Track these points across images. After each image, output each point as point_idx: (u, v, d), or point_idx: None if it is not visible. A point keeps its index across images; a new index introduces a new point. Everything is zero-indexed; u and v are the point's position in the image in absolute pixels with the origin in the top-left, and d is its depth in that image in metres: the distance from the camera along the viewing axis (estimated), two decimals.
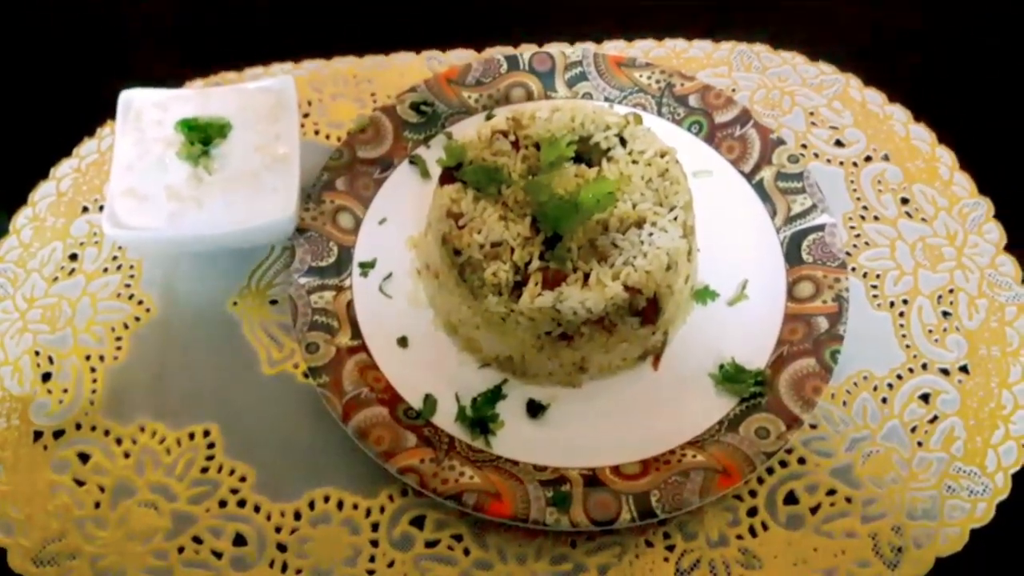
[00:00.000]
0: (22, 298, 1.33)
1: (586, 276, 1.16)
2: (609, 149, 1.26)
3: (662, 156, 1.25)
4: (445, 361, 1.25)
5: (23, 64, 1.62)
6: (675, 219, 1.20)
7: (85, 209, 1.41)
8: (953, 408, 1.23)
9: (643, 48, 1.58)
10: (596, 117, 1.27)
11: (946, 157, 1.45)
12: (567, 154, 1.22)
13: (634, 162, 1.24)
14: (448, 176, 1.25)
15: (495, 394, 1.21)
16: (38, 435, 1.21)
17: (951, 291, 1.32)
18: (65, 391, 1.25)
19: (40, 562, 1.12)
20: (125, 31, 1.67)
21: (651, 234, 1.18)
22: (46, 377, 1.26)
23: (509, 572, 1.11)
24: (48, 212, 1.41)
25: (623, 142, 1.26)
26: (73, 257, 1.37)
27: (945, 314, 1.31)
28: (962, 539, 1.13)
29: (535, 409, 1.20)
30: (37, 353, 1.28)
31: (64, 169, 1.45)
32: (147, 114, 1.32)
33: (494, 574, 1.11)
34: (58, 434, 1.21)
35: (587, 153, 1.26)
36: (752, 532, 1.14)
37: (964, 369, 1.26)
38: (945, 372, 1.26)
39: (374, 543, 1.14)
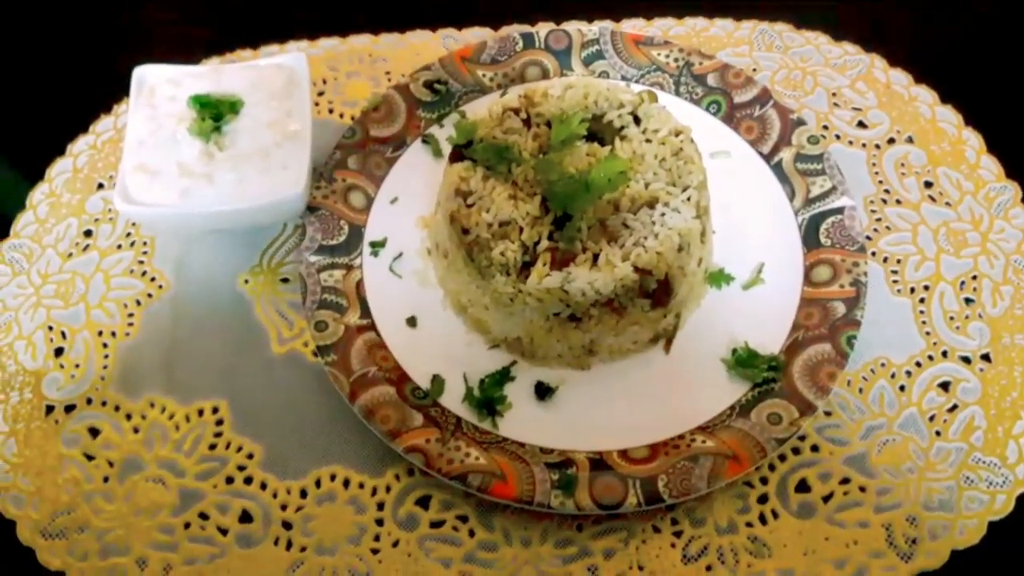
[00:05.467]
0: (37, 273, 1.34)
1: (595, 257, 1.14)
2: (622, 127, 1.24)
3: (676, 135, 1.22)
4: (454, 341, 1.24)
5: (42, 40, 1.63)
6: (688, 199, 1.17)
7: (100, 186, 1.42)
8: (974, 397, 1.19)
9: (662, 27, 1.56)
10: (610, 95, 1.25)
11: (973, 140, 1.41)
12: (579, 132, 1.20)
13: (647, 141, 1.22)
14: (458, 154, 1.24)
15: (503, 375, 1.20)
16: (50, 409, 1.22)
17: (975, 277, 1.29)
18: (77, 366, 1.25)
19: (48, 535, 1.13)
20: (143, 8, 1.67)
21: (663, 214, 1.16)
22: (59, 352, 1.27)
23: (514, 554, 1.10)
24: (64, 188, 1.41)
25: (637, 120, 1.24)
26: (88, 233, 1.37)
27: (968, 301, 1.27)
28: (979, 531, 1.10)
29: (543, 391, 1.19)
30: (50, 328, 1.29)
31: (80, 145, 1.46)
32: (160, 90, 1.32)
33: (498, 556, 1.10)
34: (69, 408, 1.22)
35: (600, 131, 1.24)
36: (762, 520, 1.12)
37: (986, 357, 1.22)
38: (966, 360, 1.22)
39: (379, 522, 1.13)
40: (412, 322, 1.25)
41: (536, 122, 1.24)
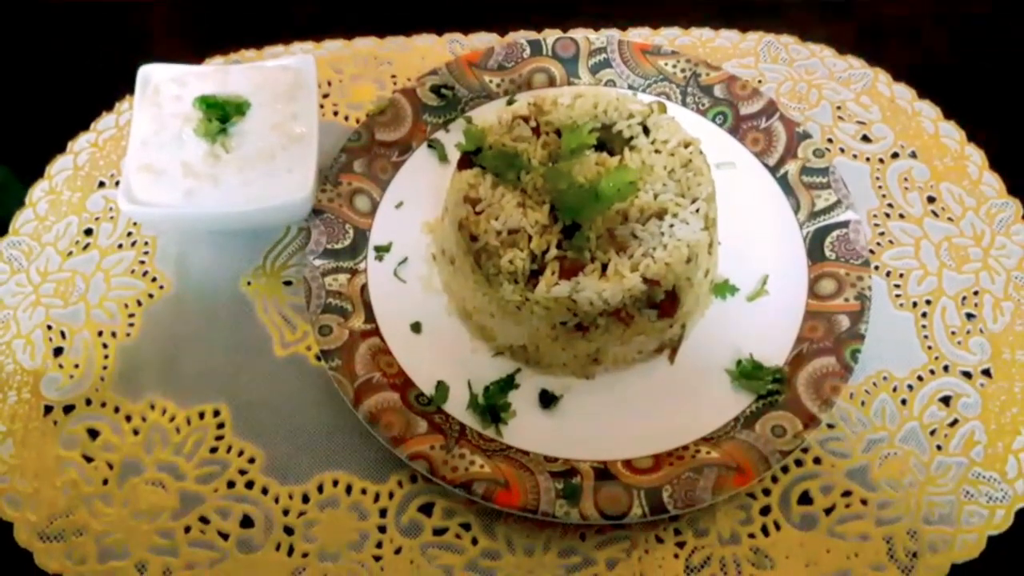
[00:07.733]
0: (36, 272, 1.32)
1: (604, 266, 1.14)
2: (632, 138, 1.24)
3: (686, 146, 1.23)
4: (458, 348, 1.23)
5: (44, 37, 1.61)
6: (697, 211, 1.18)
7: (102, 184, 1.41)
8: (974, 412, 1.20)
9: (669, 36, 1.56)
10: (619, 105, 1.25)
11: (975, 156, 1.42)
12: (588, 142, 1.21)
13: (657, 152, 1.22)
14: (467, 161, 1.24)
15: (508, 383, 1.20)
16: (48, 409, 1.21)
17: (976, 293, 1.30)
18: (76, 366, 1.24)
19: (46, 537, 1.12)
20: (146, 6, 1.66)
21: (672, 225, 1.16)
22: (58, 352, 1.25)
23: (516, 563, 1.10)
24: (64, 186, 1.40)
25: (646, 131, 1.24)
26: (88, 232, 1.36)
27: (969, 316, 1.28)
28: (979, 546, 1.11)
29: (548, 399, 1.19)
30: (50, 327, 1.27)
31: (81, 143, 1.44)
32: (165, 90, 1.31)
33: (501, 564, 1.10)
34: (68, 409, 1.21)
35: (609, 141, 1.24)
36: (764, 531, 1.12)
37: (987, 373, 1.23)
38: (967, 375, 1.23)
39: (382, 529, 1.13)
40: (416, 327, 1.24)
41: (545, 130, 1.24)
